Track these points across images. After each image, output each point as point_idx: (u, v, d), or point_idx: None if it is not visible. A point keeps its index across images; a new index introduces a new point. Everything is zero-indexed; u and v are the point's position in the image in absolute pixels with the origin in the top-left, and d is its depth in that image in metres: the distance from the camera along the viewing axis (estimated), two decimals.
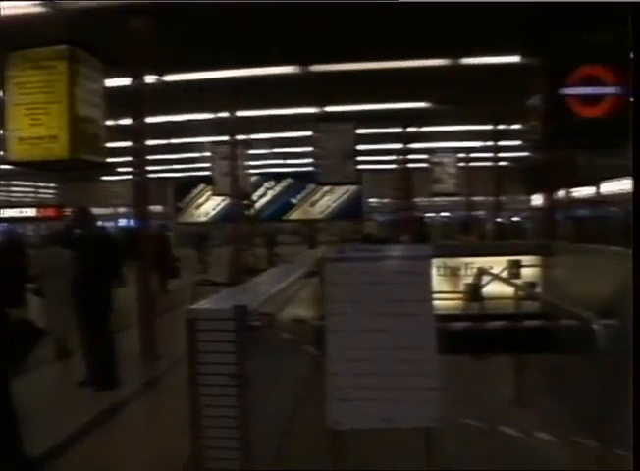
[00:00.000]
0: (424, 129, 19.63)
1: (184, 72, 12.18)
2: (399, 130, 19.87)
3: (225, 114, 15.96)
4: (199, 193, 34.84)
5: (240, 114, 15.86)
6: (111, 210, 30.18)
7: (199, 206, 35.39)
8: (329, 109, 15.95)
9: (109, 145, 8.08)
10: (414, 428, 3.71)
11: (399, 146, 21.64)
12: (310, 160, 18.03)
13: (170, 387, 7.10)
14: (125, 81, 9.17)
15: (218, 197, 27.35)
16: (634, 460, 2.10)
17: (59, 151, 7.21)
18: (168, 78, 12.13)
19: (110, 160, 8.31)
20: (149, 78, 10.24)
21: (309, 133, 16.59)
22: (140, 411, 6.99)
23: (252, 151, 20.64)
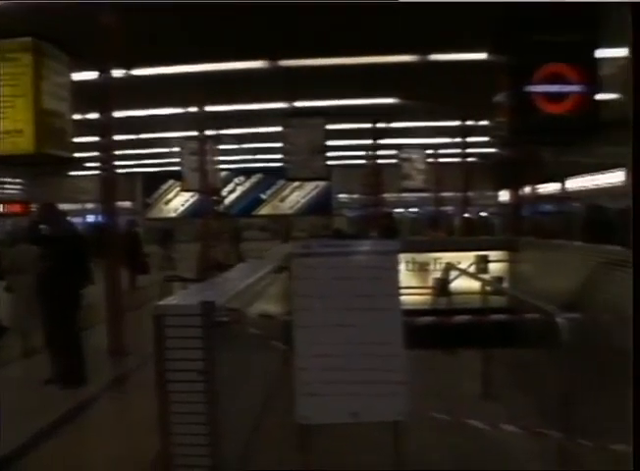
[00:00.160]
0: (393, 124, 19.73)
1: (152, 66, 12.07)
2: (368, 126, 19.93)
3: (194, 109, 15.86)
4: (168, 189, 34.61)
5: (210, 109, 15.77)
6: (79, 206, 29.72)
7: (168, 202, 35.16)
8: (298, 104, 15.94)
9: (76, 140, 7.99)
10: (382, 422, 3.75)
11: (368, 142, 21.70)
12: (280, 156, 18.01)
13: (138, 384, 7.03)
14: (92, 75, 9.05)
15: (187, 193, 27.23)
16: (634, 460, 2.13)
17: (25, 145, 7.12)
18: (136, 71, 12.00)
19: (77, 155, 8.22)
20: (117, 72, 10.12)
21: (279, 129, 16.60)
22: (108, 409, 6.93)
23: (222, 146, 20.54)
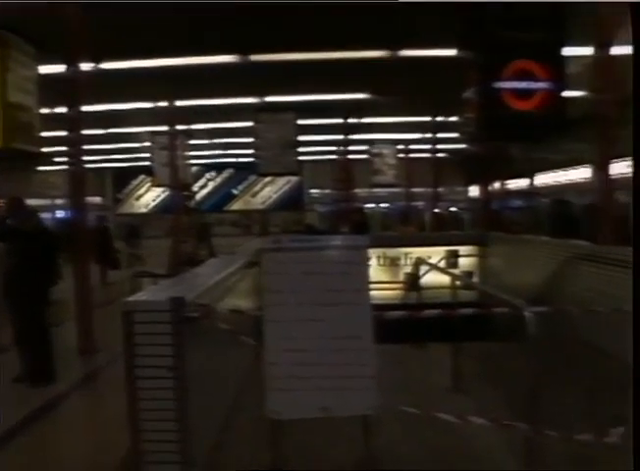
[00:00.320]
0: (364, 120, 19.79)
1: (121, 59, 11.93)
2: (339, 121, 19.96)
3: (164, 103, 15.73)
4: (139, 184, 34.34)
5: (180, 103, 15.66)
6: (48, 201, 29.32)
7: (139, 197, 34.90)
8: (269, 99, 15.90)
9: (44, 134, 7.88)
10: (352, 416, 3.78)
11: (339, 137, 21.75)
12: (251, 151, 17.97)
13: (108, 381, 6.98)
14: (59, 68, 8.90)
15: (158, 188, 27.05)
16: (634, 460, 2.16)
17: None
18: (105, 65, 11.86)
19: (45, 149, 8.11)
20: (85, 66, 9.98)
21: (250, 124, 16.54)
22: (78, 407, 6.86)
23: (193, 141, 20.42)
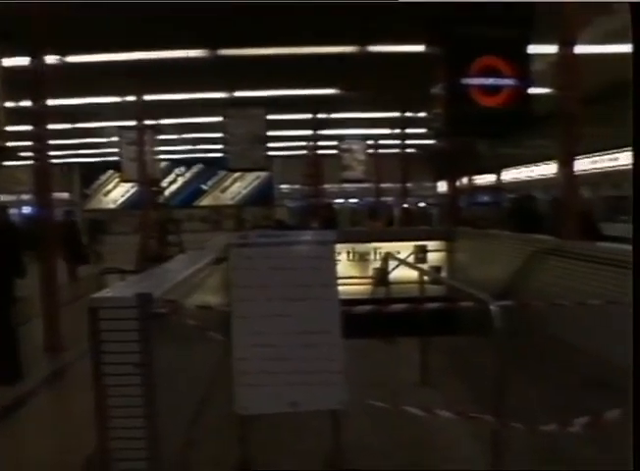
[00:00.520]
0: (333, 115, 19.81)
1: (88, 53, 11.76)
2: (308, 117, 19.95)
3: (132, 98, 15.55)
4: (108, 180, 33.95)
5: (149, 98, 15.50)
6: (14, 197, 28.82)
7: (108, 193, 34.51)
8: (238, 94, 15.82)
9: (9, 128, 7.74)
10: (320, 411, 3.80)
11: (308, 132, 21.74)
12: (220, 146, 17.86)
13: (75, 379, 6.91)
14: (23, 61, 8.74)
15: (127, 184, 26.74)
16: (634, 460, 2.19)
17: None
18: (71, 58, 11.69)
19: (10, 144, 7.97)
20: (51, 59, 9.81)
21: (219, 119, 16.44)
22: (45, 405, 6.78)
23: (161, 136, 20.24)
